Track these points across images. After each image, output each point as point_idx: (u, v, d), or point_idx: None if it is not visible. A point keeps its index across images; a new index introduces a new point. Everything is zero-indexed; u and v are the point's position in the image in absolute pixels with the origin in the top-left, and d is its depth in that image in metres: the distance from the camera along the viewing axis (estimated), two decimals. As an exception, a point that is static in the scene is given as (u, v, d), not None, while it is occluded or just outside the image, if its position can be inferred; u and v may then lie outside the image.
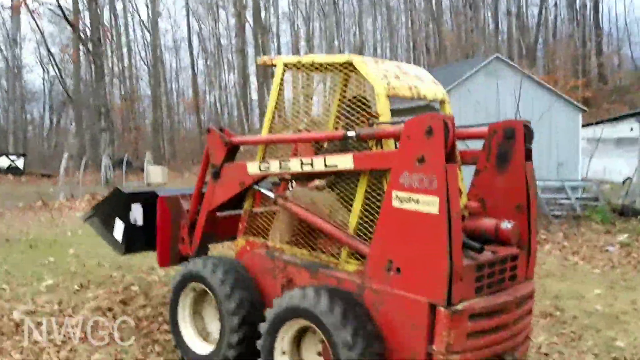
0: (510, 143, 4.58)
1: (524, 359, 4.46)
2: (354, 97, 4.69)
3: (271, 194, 4.89)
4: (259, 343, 4.39)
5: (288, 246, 4.81)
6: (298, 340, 4.40)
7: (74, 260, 9.49)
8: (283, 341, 4.31)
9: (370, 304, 4.09)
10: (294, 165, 4.66)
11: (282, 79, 4.95)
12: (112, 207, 5.93)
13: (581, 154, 18.13)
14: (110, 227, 5.91)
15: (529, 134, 4.56)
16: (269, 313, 4.34)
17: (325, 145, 4.89)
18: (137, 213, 5.76)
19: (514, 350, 4.19)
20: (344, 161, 4.34)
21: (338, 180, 4.68)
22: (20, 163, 31.17)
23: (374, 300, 4.08)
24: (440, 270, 3.75)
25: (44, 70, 51.59)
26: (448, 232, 3.71)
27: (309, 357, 4.37)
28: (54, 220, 14.84)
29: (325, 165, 4.45)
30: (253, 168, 4.97)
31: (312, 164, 4.53)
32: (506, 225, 4.42)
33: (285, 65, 4.93)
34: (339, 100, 4.81)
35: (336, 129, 4.79)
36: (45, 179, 29.42)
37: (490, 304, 3.98)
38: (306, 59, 4.79)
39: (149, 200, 5.79)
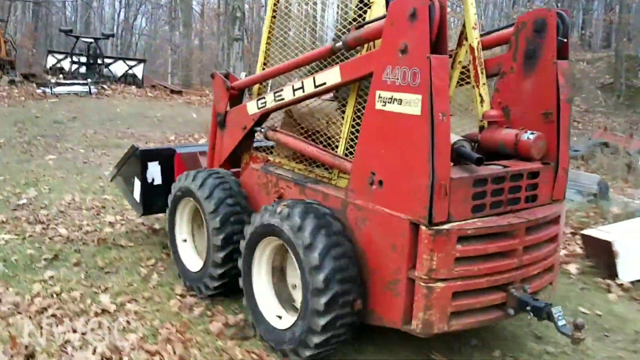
0: (541, 37, 3.77)
1: (544, 294, 3.75)
2: None
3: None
4: (239, 261, 4.05)
5: (287, 160, 4.37)
6: (281, 261, 4.00)
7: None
8: (261, 261, 3.92)
9: (353, 221, 3.58)
10: (287, 93, 4.15)
11: None
12: (130, 166, 5.62)
13: None
14: (131, 187, 5.62)
15: (563, 25, 3.72)
16: (245, 230, 3.96)
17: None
18: (154, 172, 5.44)
19: (525, 283, 3.52)
20: (332, 76, 3.76)
21: (339, 89, 4.11)
22: (139, 70, 23.56)
23: (356, 218, 3.56)
24: (420, 183, 3.15)
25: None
26: (430, 136, 3.08)
27: (293, 278, 3.97)
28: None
29: (316, 85, 3.90)
30: (252, 107, 4.53)
31: (303, 88, 4.01)
32: (527, 136, 3.69)
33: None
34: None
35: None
36: (176, 95, 22.40)
37: (488, 225, 3.32)
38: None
39: (166, 157, 5.47)
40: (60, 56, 23.03)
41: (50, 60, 22.84)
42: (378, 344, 3.97)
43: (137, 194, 5.44)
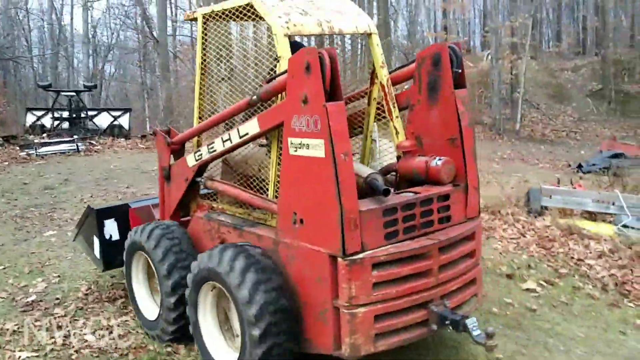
0: (438, 70, 4.12)
1: (468, 306, 4.03)
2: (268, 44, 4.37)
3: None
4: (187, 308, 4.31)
5: (228, 206, 4.66)
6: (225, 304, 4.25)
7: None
8: (205, 305, 4.18)
9: (285, 258, 3.87)
10: (218, 145, 4.47)
11: (204, 34, 4.72)
12: (88, 225, 5.86)
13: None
14: (91, 245, 5.85)
15: (456, 57, 4.07)
16: (188, 278, 4.24)
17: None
18: (111, 228, 5.68)
19: (446, 299, 3.80)
20: (252, 127, 4.09)
21: (267, 135, 4.43)
22: (125, 121, 22.14)
23: (286, 255, 3.85)
24: (332, 218, 3.45)
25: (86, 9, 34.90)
26: (335, 175, 3.40)
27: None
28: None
29: (240, 136, 4.22)
30: (190, 160, 4.85)
31: (230, 139, 4.33)
32: (436, 162, 4.01)
33: (204, 17, 4.69)
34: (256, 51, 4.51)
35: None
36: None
37: (400, 250, 3.61)
38: (219, 6, 4.52)
39: (122, 213, 5.71)
40: (39, 113, 21.69)
41: (30, 118, 21.40)
42: None
43: (97, 251, 5.70)
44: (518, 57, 23.86)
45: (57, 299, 5.89)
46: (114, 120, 21.76)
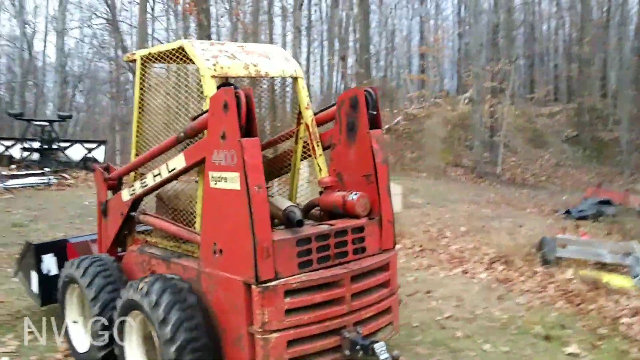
0: (356, 112, 4.42)
1: (383, 334, 4.22)
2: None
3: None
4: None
5: (160, 239, 4.84)
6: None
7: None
8: (131, 335, 4.31)
9: (206, 288, 4.04)
10: (149, 180, 4.67)
11: (142, 75, 4.98)
12: (27, 260, 5.96)
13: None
14: (29, 280, 5.92)
15: (371, 100, 4.38)
16: (116, 306, 4.37)
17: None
18: (49, 263, 5.77)
19: (359, 326, 3.99)
20: (179, 162, 4.30)
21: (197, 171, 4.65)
22: (99, 154, 20.86)
23: (208, 285, 4.02)
24: (246, 247, 3.66)
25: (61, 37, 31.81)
26: (249, 206, 3.62)
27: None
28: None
29: (169, 171, 4.42)
30: (125, 195, 5.02)
31: (160, 174, 4.53)
32: (351, 197, 4.26)
33: (143, 58, 4.96)
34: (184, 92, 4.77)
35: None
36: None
37: (312, 278, 3.82)
38: (155, 49, 4.80)
39: (60, 248, 5.83)
40: (8, 143, 19.88)
41: None
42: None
43: (34, 286, 5.77)
44: (498, 101, 24.45)
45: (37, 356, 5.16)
46: (87, 153, 20.35)
